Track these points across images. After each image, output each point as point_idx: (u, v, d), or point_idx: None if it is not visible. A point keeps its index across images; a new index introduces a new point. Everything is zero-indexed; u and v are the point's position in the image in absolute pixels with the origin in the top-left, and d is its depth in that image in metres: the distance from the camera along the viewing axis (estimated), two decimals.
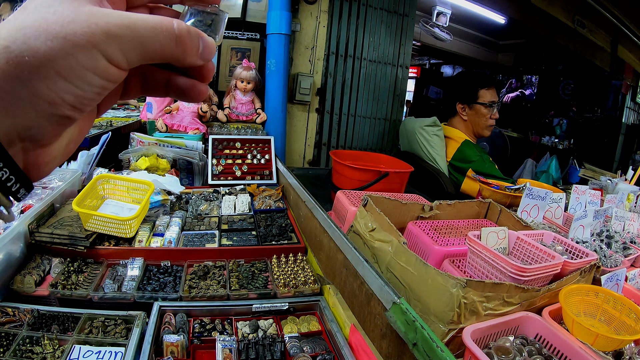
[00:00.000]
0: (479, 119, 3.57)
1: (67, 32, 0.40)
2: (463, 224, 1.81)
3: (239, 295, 1.72)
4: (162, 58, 0.46)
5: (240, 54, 3.62)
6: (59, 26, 0.40)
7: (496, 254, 1.29)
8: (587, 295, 1.34)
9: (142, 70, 0.52)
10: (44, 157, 0.46)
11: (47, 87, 0.40)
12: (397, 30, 4.28)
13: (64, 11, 0.41)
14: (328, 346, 1.52)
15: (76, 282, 1.69)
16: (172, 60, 0.47)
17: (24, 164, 0.45)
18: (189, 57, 0.48)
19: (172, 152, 2.87)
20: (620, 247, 1.89)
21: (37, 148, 0.45)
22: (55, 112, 0.42)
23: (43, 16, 0.40)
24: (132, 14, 0.44)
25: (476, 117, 3.56)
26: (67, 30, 0.40)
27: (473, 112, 3.55)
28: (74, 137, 0.51)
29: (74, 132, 0.51)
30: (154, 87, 0.54)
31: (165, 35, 0.45)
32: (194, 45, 0.48)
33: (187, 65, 0.49)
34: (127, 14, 0.43)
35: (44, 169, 0.47)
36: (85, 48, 0.40)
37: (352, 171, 2.76)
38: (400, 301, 1.15)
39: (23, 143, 0.43)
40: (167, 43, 0.45)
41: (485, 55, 8.33)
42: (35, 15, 0.40)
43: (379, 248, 1.52)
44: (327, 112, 4.12)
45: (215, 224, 2.26)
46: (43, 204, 1.94)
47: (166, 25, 0.45)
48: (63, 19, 0.40)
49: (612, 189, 3.03)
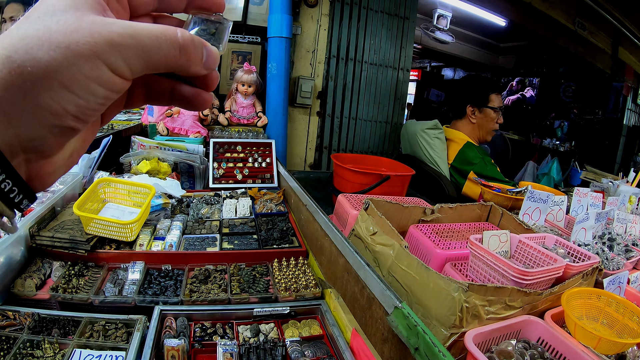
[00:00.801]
0: (487, 122, 3.59)
1: (70, 41, 0.39)
2: (465, 227, 1.81)
3: (240, 299, 1.71)
4: (166, 67, 0.46)
5: (241, 57, 3.63)
6: (61, 35, 0.39)
7: (498, 258, 1.29)
8: (590, 299, 1.33)
9: (146, 80, 0.51)
10: (47, 168, 0.46)
11: (50, 98, 0.39)
12: (397, 33, 4.28)
13: (67, 20, 0.40)
14: (329, 350, 1.51)
15: (77, 285, 1.69)
16: (176, 69, 0.47)
17: (27, 175, 0.44)
18: (193, 67, 0.48)
19: (173, 156, 2.87)
20: (622, 249, 1.89)
21: (40, 159, 0.44)
22: (58, 123, 0.41)
23: (46, 25, 0.39)
24: (136, 23, 0.43)
25: (484, 121, 3.57)
26: (70, 40, 0.39)
27: (482, 115, 3.56)
28: (77, 147, 0.51)
29: (78, 142, 0.50)
30: (158, 96, 0.53)
31: (169, 45, 0.44)
32: (198, 54, 0.47)
33: (191, 74, 0.49)
34: (130, 23, 0.43)
35: (48, 179, 0.47)
36: (88, 58, 0.40)
37: (353, 174, 2.76)
38: (402, 305, 1.15)
39: (26, 154, 0.42)
40: (170, 52, 0.44)
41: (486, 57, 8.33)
42: (37, 25, 0.40)
43: (381, 252, 1.51)
44: (328, 116, 4.12)
45: (216, 228, 2.25)
46: (44, 207, 1.94)
47: (170, 34, 0.44)
48: (66, 28, 0.40)
49: (613, 191, 3.02)
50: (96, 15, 0.42)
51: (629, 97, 7.34)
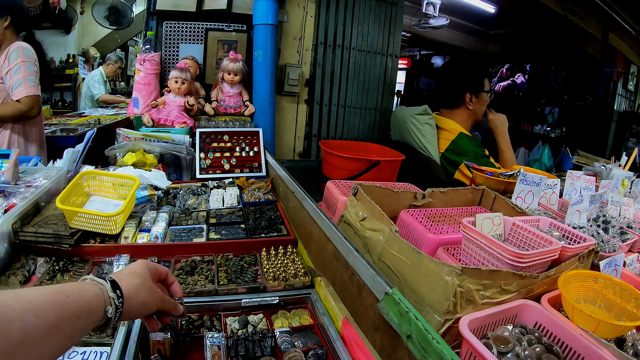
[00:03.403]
0: (481, 106, 3.56)
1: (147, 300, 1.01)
2: (457, 211, 1.77)
3: (228, 290, 1.66)
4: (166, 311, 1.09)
5: (227, 46, 3.55)
6: (145, 298, 0.99)
7: (492, 240, 1.25)
8: (587, 281, 1.30)
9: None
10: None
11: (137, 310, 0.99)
12: (386, 19, 4.22)
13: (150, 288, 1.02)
14: (320, 340, 1.47)
15: (61, 281, 1.63)
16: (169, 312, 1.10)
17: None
18: (175, 313, 1.11)
19: (159, 147, 2.81)
20: (617, 232, 1.86)
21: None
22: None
23: (138, 288, 0.99)
24: (166, 297, 1.08)
25: (479, 106, 3.54)
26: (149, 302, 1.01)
27: (478, 100, 3.52)
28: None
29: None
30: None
31: (174, 307, 1.09)
32: (179, 311, 1.11)
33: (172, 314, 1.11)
34: (164, 295, 1.07)
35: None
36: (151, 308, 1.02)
37: (342, 160, 2.71)
38: (392, 291, 1.10)
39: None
40: (175, 309, 1.10)
41: (476, 45, 8.34)
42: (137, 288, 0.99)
43: (370, 237, 1.47)
44: (316, 103, 4.07)
45: (203, 218, 2.20)
46: (27, 202, 1.88)
47: (176, 306, 1.10)
48: (147, 294, 1.01)
49: (606, 174, 3.00)
50: (154, 284, 1.04)
51: (619, 82, 7.38)
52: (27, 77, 2.73)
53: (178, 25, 3.57)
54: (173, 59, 3.60)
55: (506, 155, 3.50)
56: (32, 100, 2.76)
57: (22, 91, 2.72)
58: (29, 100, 2.74)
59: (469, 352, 1.02)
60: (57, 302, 0.76)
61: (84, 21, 7.98)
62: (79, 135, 3.38)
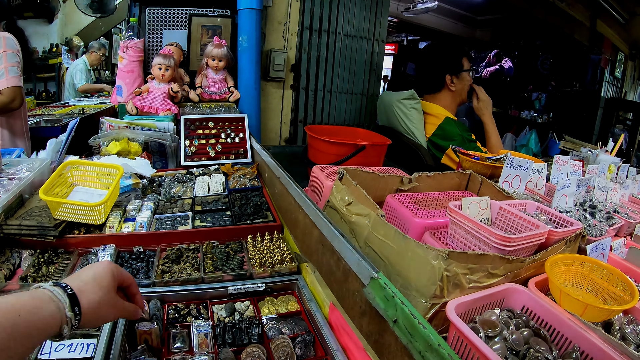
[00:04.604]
0: (464, 86, 3.56)
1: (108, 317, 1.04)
2: (443, 195, 1.75)
3: (214, 278, 1.65)
4: (128, 316, 1.11)
5: (211, 31, 3.49)
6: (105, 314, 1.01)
7: (479, 224, 1.24)
8: (574, 265, 1.30)
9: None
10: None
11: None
12: (372, 3, 4.17)
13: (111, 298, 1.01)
14: (307, 326, 1.47)
15: (47, 273, 1.62)
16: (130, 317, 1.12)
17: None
18: (134, 318, 1.13)
19: (143, 135, 2.76)
20: (604, 216, 1.86)
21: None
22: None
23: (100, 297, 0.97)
24: (127, 303, 1.09)
25: (461, 85, 3.54)
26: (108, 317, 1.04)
27: (459, 80, 3.52)
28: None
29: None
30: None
31: (134, 312, 1.10)
32: (138, 315, 1.12)
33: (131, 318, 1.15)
34: (124, 304, 1.07)
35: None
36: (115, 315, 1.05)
37: (328, 145, 2.69)
38: (378, 276, 1.09)
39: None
40: (134, 314, 1.11)
41: (464, 31, 8.30)
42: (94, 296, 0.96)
43: (356, 222, 1.45)
44: (302, 89, 4.02)
45: (188, 206, 2.17)
46: (10, 195, 1.84)
47: (135, 311, 1.11)
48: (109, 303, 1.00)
49: (593, 160, 3.01)
50: (116, 295, 1.03)
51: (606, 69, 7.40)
52: (8, 68, 2.66)
53: (161, 11, 3.50)
54: (156, 45, 3.53)
55: (493, 140, 3.50)
56: (14, 91, 2.69)
57: (4, 82, 2.65)
58: (11, 91, 2.67)
59: (456, 337, 1.01)
60: (9, 323, 0.75)
61: (66, 10, 7.77)
62: (62, 125, 3.32)
